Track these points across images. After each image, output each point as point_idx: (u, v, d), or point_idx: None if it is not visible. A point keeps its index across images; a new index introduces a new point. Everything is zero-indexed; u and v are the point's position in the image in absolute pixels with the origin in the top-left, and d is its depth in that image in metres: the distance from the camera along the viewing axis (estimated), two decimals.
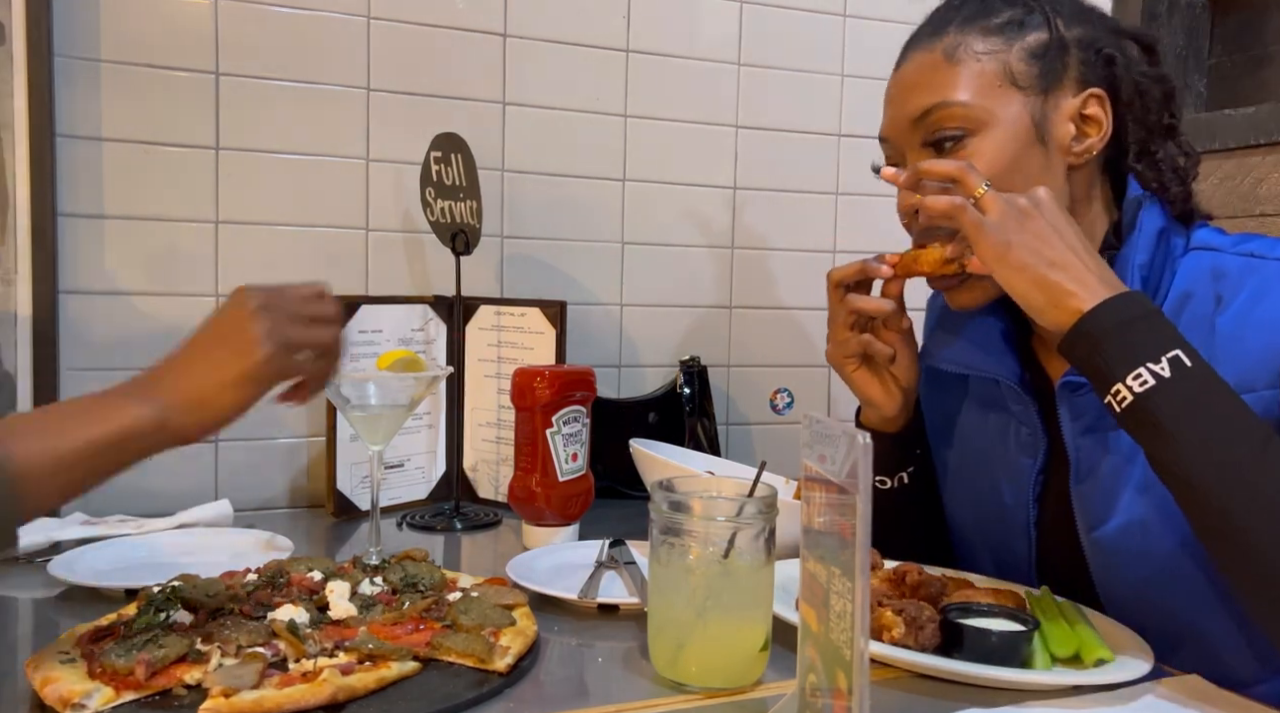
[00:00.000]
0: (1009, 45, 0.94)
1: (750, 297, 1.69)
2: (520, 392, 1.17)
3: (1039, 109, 0.93)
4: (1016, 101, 0.93)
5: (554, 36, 1.53)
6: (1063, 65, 0.94)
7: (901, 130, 0.99)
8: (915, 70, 0.98)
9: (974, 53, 0.94)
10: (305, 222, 1.42)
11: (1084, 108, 0.94)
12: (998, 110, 0.93)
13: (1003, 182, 0.90)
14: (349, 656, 0.78)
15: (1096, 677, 0.78)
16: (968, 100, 0.93)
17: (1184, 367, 0.79)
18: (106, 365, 1.33)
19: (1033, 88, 0.93)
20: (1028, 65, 0.93)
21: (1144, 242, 0.93)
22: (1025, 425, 1.01)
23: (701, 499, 0.83)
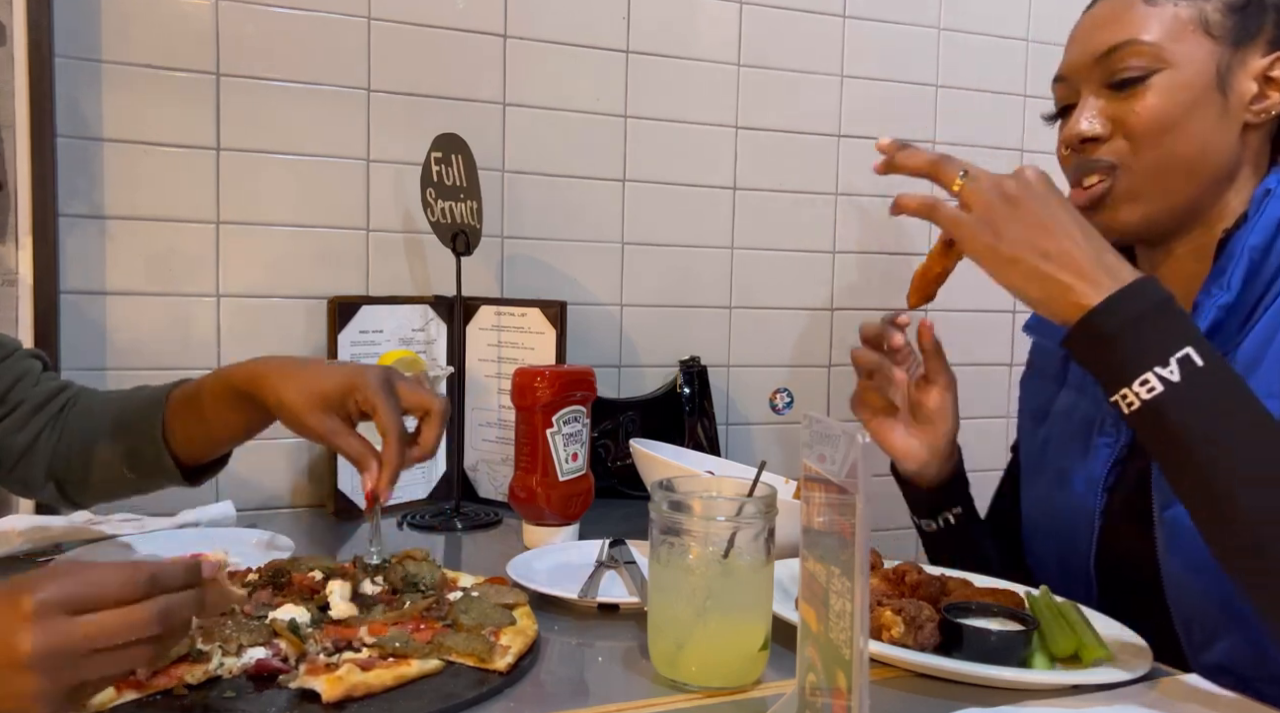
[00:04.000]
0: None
1: (750, 297, 1.69)
2: (520, 392, 1.17)
3: (1226, 60, 0.93)
4: (1205, 49, 0.93)
5: (554, 36, 1.54)
6: (1259, 23, 0.94)
7: (1084, 66, 0.97)
8: (1110, 9, 0.97)
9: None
10: (305, 222, 1.42)
11: (1271, 69, 0.94)
12: (1185, 53, 0.92)
13: (1177, 123, 0.91)
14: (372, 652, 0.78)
15: (1096, 677, 0.78)
16: (1157, 40, 0.93)
17: (1194, 367, 0.76)
18: (106, 365, 1.33)
19: (1225, 38, 0.93)
20: (1224, 16, 0.93)
21: (1262, 224, 0.91)
22: (1112, 414, 0.99)
23: (701, 499, 0.83)
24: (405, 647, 0.78)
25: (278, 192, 1.41)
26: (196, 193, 1.37)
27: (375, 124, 1.45)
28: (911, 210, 0.88)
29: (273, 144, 1.40)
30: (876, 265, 1.76)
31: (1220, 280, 0.91)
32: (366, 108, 1.44)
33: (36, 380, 1.04)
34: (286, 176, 1.41)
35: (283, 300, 1.41)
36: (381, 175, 1.46)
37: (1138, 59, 0.93)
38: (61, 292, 1.30)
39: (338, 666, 0.75)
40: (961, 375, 1.10)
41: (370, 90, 1.44)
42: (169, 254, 1.36)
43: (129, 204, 1.34)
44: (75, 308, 1.31)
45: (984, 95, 1.81)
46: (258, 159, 1.39)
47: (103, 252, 1.33)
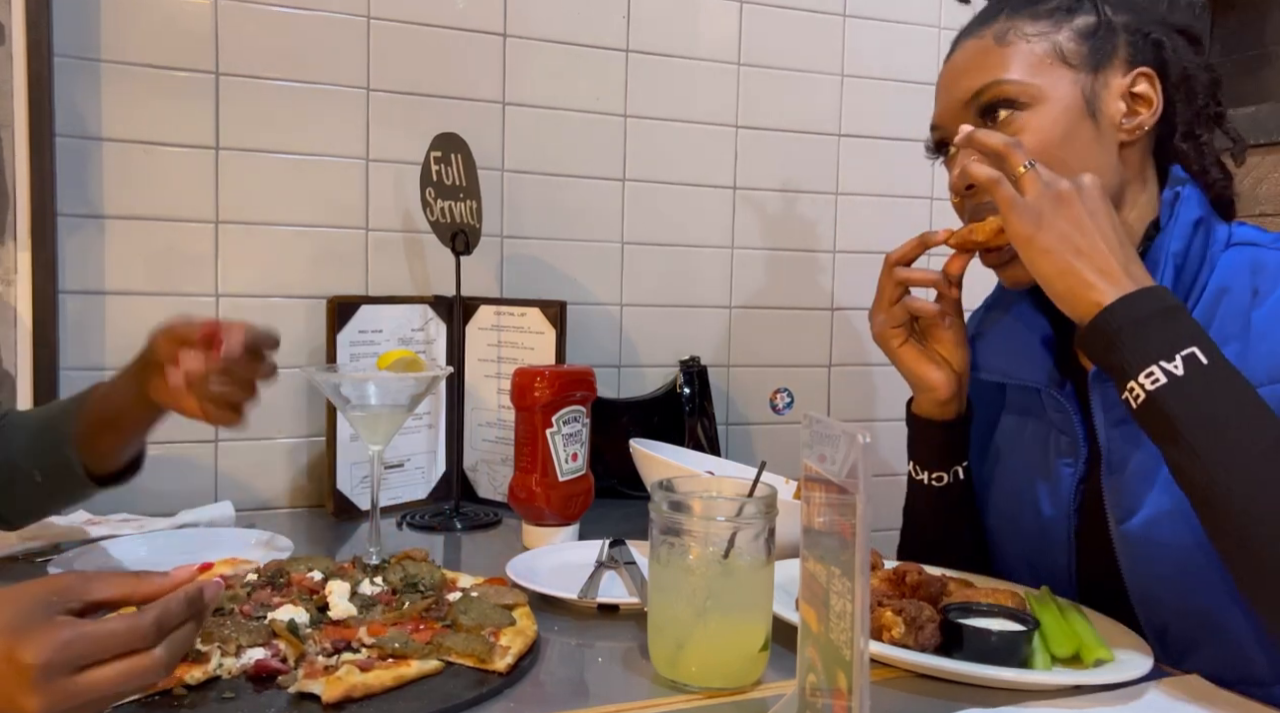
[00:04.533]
0: (1058, 27, 0.96)
1: (750, 297, 1.69)
2: (520, 392, 1.17)
3: (1089, 86, 0.95)
4: (1067, 78, 0.95)
5: (554, 36, 1.53)
6: (1111, 46, 0.96)
7: (953, 115, 1.00)
8: (966, 56, 1.00)
9: (1024, 34, 0.96)
10: (305, 222, 1.42)
11: (1133, 86, 0.96)
12: (1048, 86, 0.94)
13: (1056, 155, 0.92)
14: (371, 652, 0.78)
15: (1096, 677, 0.78)
16: (1019, 78, 0.95)
17: (1199, 364, 0.78)
18: (106, 365, 1.33)
19: (1083, 66, 0.95)
20: (1077, 45, 0.95)
21: (1179, 230, 0.93)
22: (1065, 434, 1.00)
23: (701, 499, 0.83)
24: (405, 648, 0.78)
25: (277, 191, 1.41)
26: (196, 193, 1.36)
27: (375, 124, 1.45)
28: (979, 179, 0.90)
29: (273, 144, 1.40)
30: (876, 265, 1.75)
31: None
32: (366, 107, 1.44)
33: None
34: (286, 176, 1.41)
35: (282, 300, 1.41)
36: (381, 175, 1.46)
37: (1003, 96, 0.95)
38: (61, 292, 1.30)
39: (336, 667, 0.75)
40: None
41: (370, 90, 1.44)
42: (168, 254, 1.36)
43: (128, 204, 1.34)
44: (75, 308, 1.31)
45: None
46: (257, 159, 1.39)
47: (102, 252, 1.33)
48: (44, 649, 0.57)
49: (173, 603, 0.63)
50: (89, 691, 0.58)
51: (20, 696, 0.56)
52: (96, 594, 0.62)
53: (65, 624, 0.59)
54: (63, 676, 0.57)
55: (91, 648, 0.59)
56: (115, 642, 0.59)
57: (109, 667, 0.59)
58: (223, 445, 1.39)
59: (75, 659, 0.58)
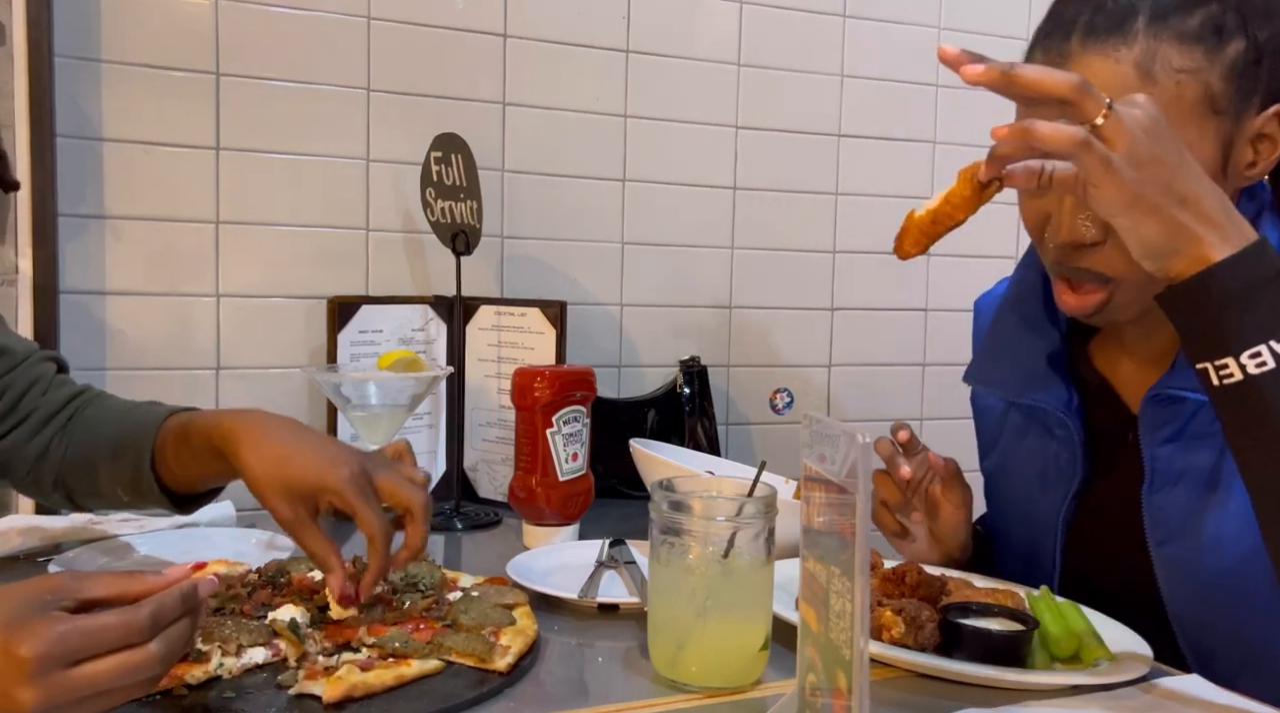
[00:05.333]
0: (1211, 61, 0.80)
1: (750, 297, 1.69)
2: (520, 392, 1.17)
3: (1229, 135, 0.82)
4: (1210, 129, 0.81)
5: (554, 36, 1.53)
6: (1256, 80, 0.81)
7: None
8: (1098, 81, 0.74)
9: (1173, 70, 0.79)
10: (305, 222, 1.42)
11: (1264, 127, 0.83)
12: (1193, 143, 0.78)
13: None
14: (371, 652, 0.78)
15: (1096, 677, 0.78)
16: None
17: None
18: (107, 365, 1.33)
19: (1227, 113, 0.81)
20: (1227, 85, 0.80)
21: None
22: (1065, 450, 0.99)
23: (701, 499, 0.83)
24: (405, 647, 0.78)
25: (278, 192, 1.41)
26: (196, 193, 1.37)
27: (375, 124, 1.45)
28: (1059, 144, 0.69)
29: (273, 144, 1.40)
30: (876, 265, 1.76)
31: None
32: (366, 108, 1.44)
33: (47, 387, 1.02)
34: (286, 176, 1.41)
35: (283, 300, 1.41)
36: (381, 175, 1.46)
37: None
38: (61, 292, 1.30)
39: (337, 667, 0.75)
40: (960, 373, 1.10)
41: (370, 90, 1.44)
42: (169, 254, 1.36)
43: (129, 204, 1.34)
44: (75, 308, 1.31)
45: (984, 95, 1.80)
46: (258, 159, 1.39)
47: (103, 252, 1.33)
48: (39, 642, 0.57)
49: (167, 598, 0.63)
50: (84, 684, 0.58)
51: (16, 689, 0.56)
52: (90, 593, 0.62)
53: (60, 619, 0.59)
54: (58, 669, 0.57)
55: (86, 641, 0.58)
56: (110, 635, 0.59)
57: (104, 660, 0.59)
58: None
59: (70, 653, 0.58)
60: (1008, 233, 1.85)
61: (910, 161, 1.78)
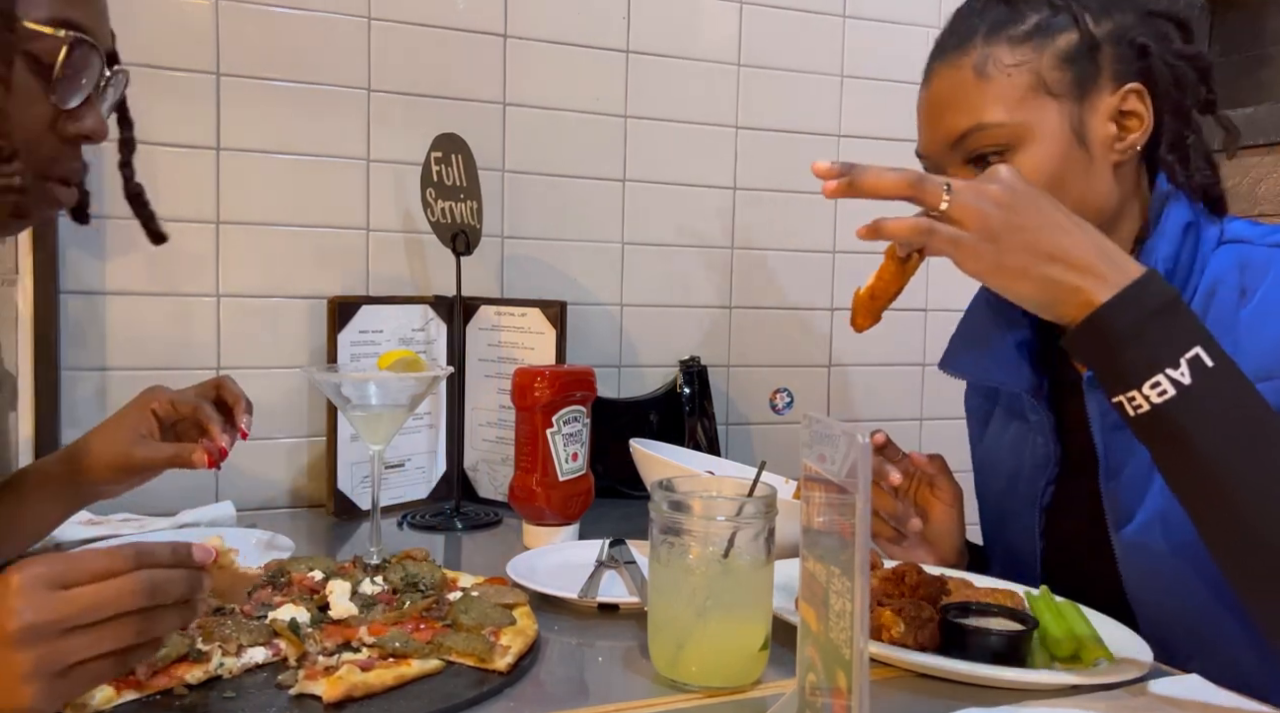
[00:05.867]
0: (1039, 53, 0.91)
1: (750, 297, 1.69)
2: (520, 392, 1.17)
3: (1076, 114, 0.90)
4: (1053, 110, 0.90)
5: (554, 36, 1.54)
6: (1096, 66, 0.91)
7: (940, 150, 0.96)
8: (946, 89, 0.94)
9: (1004, 66, 0.91)
10: (305, 222, 1.42)
11: (1123, 104, 0.91)
12: (1035, 123, 0.90)
13: (1052, 192, 0.85)
14: (372, 652, 0.78)
15: (1096, 677, 0.78)
16: (1003, 119, 0.90)
17: (1204, 368, 0.74)
18: (106, 365, 1.33)
19: (1068, 94, 0.90)
20: (1060, 72, 0.90)
21: (1169, 234, 0.91)
22: (1040, 435, 1.01)
23: (701, 499, 0.83)
24: (405, 647, 0.78)
25: (278, 192, 1.41)
26: (196, 193, 1.37)
27: (375, 124, 1.45)
28: (905, 236, 0.81)
29: (273, 144, 1.40)
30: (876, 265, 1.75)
31: None
32: (366, 108, 1.44)
33: None
34: (286, 176, 1.41)
35: (283, 300, 1.41)
36: (381, 175, 1.46)
37: (989, 141, 0.91)
38: (61, 292, 1.30)
39: (337, 667, 0.75)
40: None
41: (370, 90, 1.44)
42: (168, 254, 1.36)
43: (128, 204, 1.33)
44: (75, 308, 1.31)
45: None
46: (258, 159, 1.39)
47: (103, 252, 1.33)
48: (25, 566, 0.59)
49: (155, 546, 0.64)
50: (69, 605, 0.59)
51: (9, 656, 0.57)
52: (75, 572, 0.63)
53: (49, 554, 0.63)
54: (43, 589, 0.58)
55: (71, 565, 0.60)
56: (96, 564, 0.61)
57: (89, 586, 0.60)
58: None
59: (56, 576, 0.59)
60: None
61: (910, 162, 1.77)
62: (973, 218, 0.79)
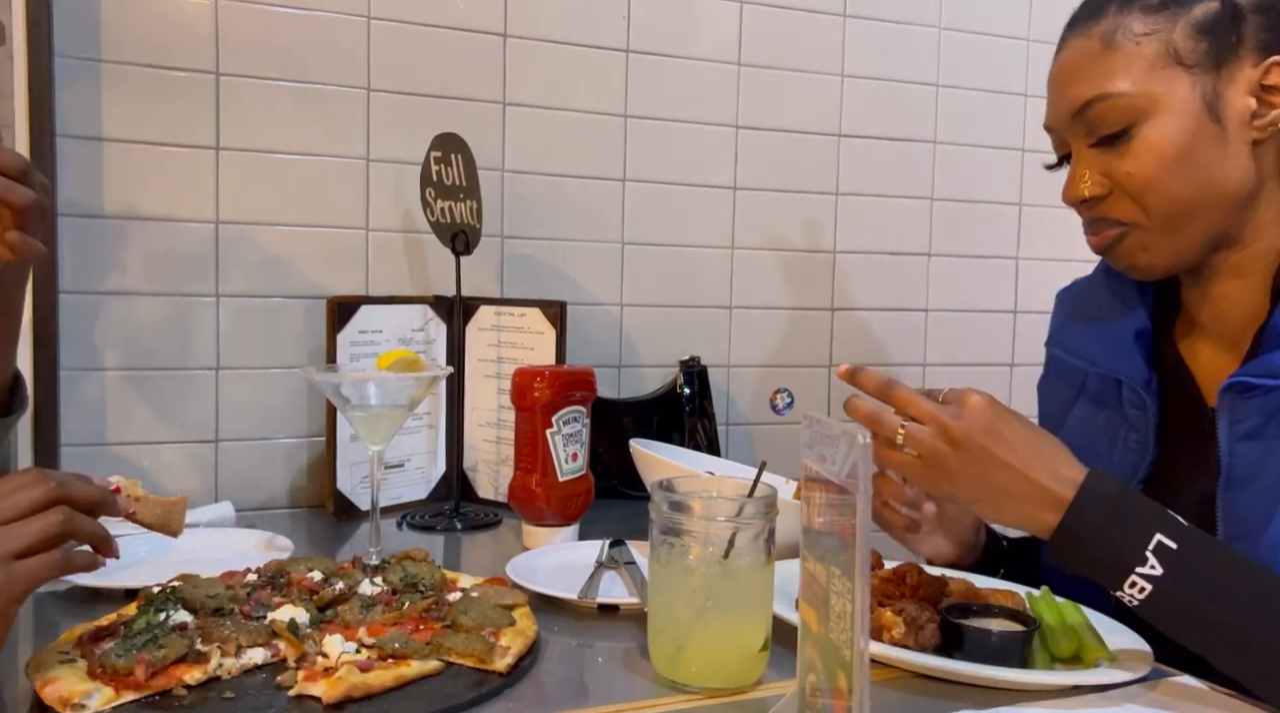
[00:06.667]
0: (1173, 22, 0.88)
1: (750, 297, 1.69)
2: (520, 392, 1.17)
3: (1210, 87, 0.87)
4: (1184, 82, 0.87)
5: (554, 36, 1.53)
6: (1237, 36, 0.87)
7: (1064, 122, 0.94)
8: (1073, 59, 0.93)
9: (1133, 35, 0.89)
10: (305, 222, 1.42)
11: (1265, 77, 0.87)
12: (1162, 94, 0.87)
13: (1179, 168, 0.87)
14: (371, 652, 0.78)
15: (1096, 677, 0.78)
16: (1127, 89, 0.88)
17: (1170, 553, 0.78)
18: (106, 365, 1.33)
19: (1201, 65, 0.87)
20: (1195, 42, 0.87)
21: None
22: (1136, 432, 0.98)
23: (701, 499, 0.83)
24: (405, 648, 0.78)
25: (278, 191, 1.41)
26: (196, 193, 1.36)
27: (375, 124, 1.45)
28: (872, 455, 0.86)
29: (273, 144, 1.40)
30: (876, 265, 1.76)
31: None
32: (366, 108, 1.44)
33: None
34: (286, 176, 1.41)
35: (282, 300, 1.41)
36: (381, 175, 1.46)
37: (1113, 113, 0.89)
38: (61, 291, 1.30)
39: (336, 668, 0.75)
40: (962, 375, 1.10)
41: (370, 90, 1.44)
42: (168, 254, 1.36)
43: (128, 204, 1.34)
44: (75, 308, 1.31)
45: (984, 95, 1.81)
46: (258, 159, 1.39)
47: (103, 252, 1.33)
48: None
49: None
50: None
51: None
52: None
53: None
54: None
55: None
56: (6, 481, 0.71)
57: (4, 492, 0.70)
58: (223, 445, 1.39)
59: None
60: (1008, 233, 1.85)
61: (910, 161, 1.78)
62: (925, 452, 0.84)
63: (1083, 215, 0.96)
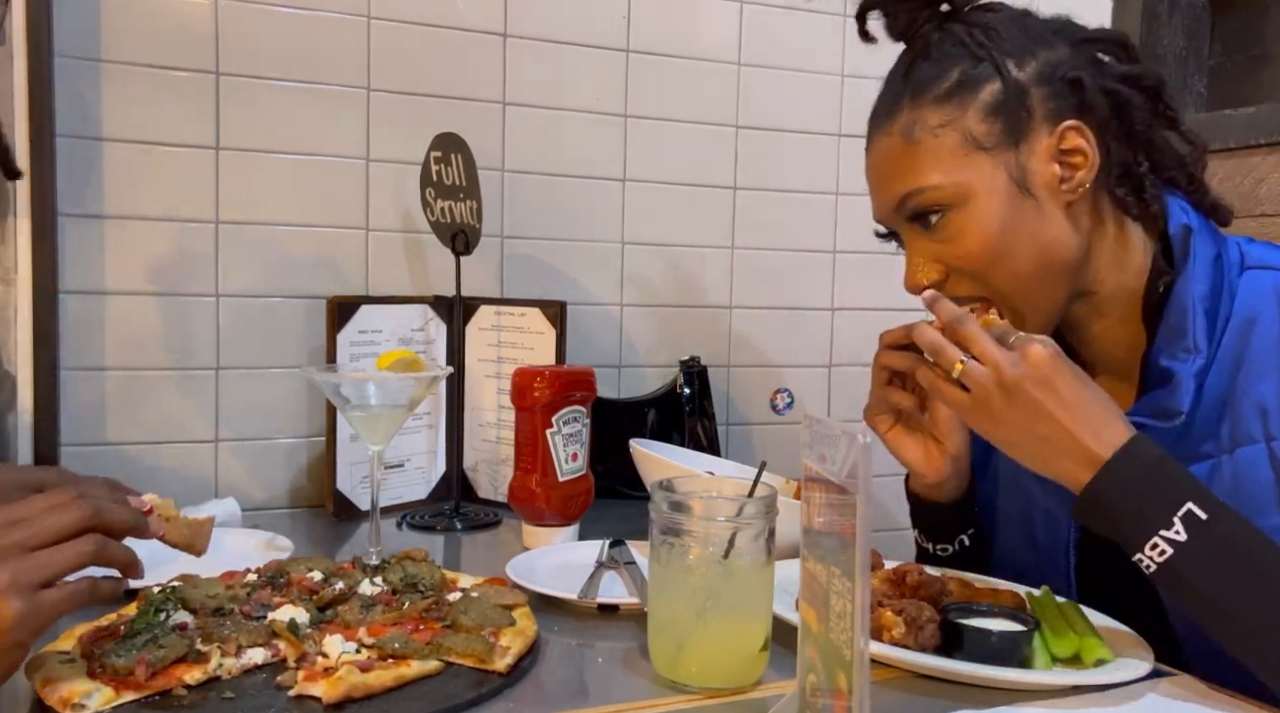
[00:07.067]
0: (964, 109, 0.89)
1: (750, 297, 1.69)
2: (520, 392, 1.17)
3: (1014, 162, 0.89)
4: (987, 164, 0.89)
5: (554, 36, 1.53)
6: (1026, 110, 0.89)
7: (888, 216, 0.97)
8: (880, 157, 0.95)
9: (930, 128, 0.90)
10: (305, 222, 1.42)
11: (1061, 143, 0.89)
12: (971, 180, 0.89)
13: (1002, 248, 0.89)
14: (371, 652, 0.78)
15: (1096, 677, 0.78)
16: (939, 181, 0.90)
17: (1198, 522, 0.78)
18: (106, 365, 1.33)
19: (1000, 144, 0.89)
20: (989, 124, 0.89)
21: (1200, 271, 0.90)
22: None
23: (701, 499, 0.83)
24: (404, 648, 0.78)
25: (278, 191, 1.41)
26: (196, 193, 1.36)
27: (375, 124, 1.45)
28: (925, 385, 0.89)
29: (273, 144, 1.40)
30: (876, 265, 1.75)
31: (1184, 341, 0.89)
32: (366, 107, 1.44)
33: None
34: (286, 176, 1.41)
35: (282, 300, 1.41)
36: (381, 175, 1.46)
37: (929, 204, 0.90)
38: (61, 291, 1.29)
39: (336, 668, 0.75)
40: None
41: (370, 90, 1.44)
42: (168, 254, 1.36)
43: (129, 204, 1.34)
44: (75, 308, 1.31)
45: None
46: (258, 159, 1.39)
47: (103, 251, 1.33)
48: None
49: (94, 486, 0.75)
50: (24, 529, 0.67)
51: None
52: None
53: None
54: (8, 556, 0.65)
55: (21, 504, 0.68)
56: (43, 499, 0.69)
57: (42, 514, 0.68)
58: (223, 446, 1.39)
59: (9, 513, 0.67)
60: None
61: None
62: (976, 389, 0.85)
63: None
